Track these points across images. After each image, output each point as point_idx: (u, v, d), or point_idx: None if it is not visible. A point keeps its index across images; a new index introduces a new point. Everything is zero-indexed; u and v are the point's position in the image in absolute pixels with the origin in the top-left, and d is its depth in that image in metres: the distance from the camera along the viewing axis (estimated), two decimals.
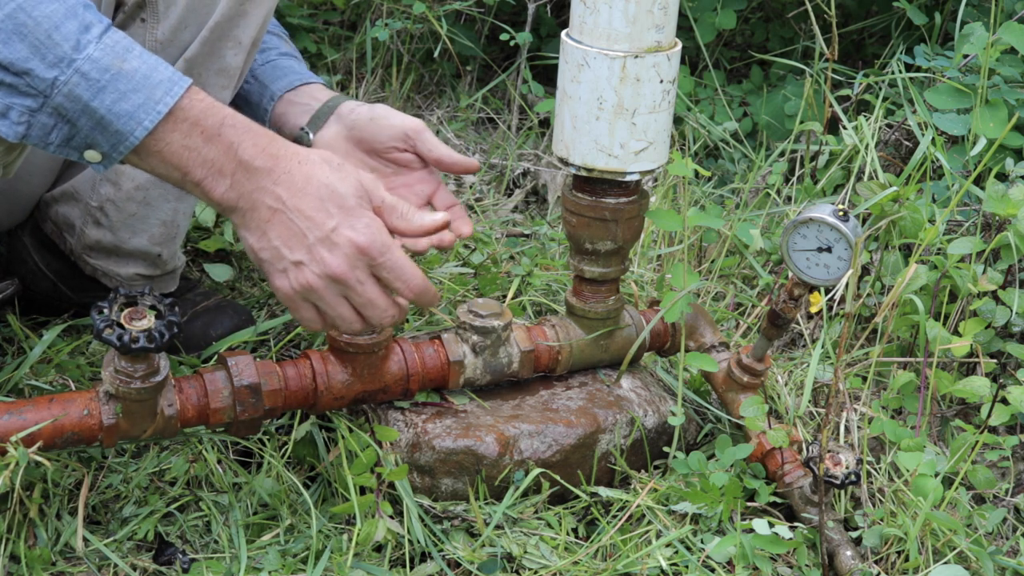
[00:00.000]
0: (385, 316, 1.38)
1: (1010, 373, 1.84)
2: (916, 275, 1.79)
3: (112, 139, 1.25)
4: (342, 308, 1.37)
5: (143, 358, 1.36)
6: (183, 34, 1.60)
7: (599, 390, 1.67)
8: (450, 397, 1.62)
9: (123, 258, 1.78)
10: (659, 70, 1.47)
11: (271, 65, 1.79)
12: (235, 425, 1.48)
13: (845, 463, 1.47)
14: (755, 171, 2.33)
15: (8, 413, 1.38)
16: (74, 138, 1.25)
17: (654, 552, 1.51)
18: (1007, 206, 1.82)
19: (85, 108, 1.22)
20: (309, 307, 1.38)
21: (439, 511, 1.54)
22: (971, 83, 2.11)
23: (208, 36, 1.61)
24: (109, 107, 1.23)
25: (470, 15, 2.87)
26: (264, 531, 1.53)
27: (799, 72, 2.67)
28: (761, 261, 2.15)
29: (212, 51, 1.63)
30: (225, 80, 1.66)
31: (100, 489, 1.55)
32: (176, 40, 1.60)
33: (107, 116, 1.23)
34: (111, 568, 1.46)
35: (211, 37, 1.62)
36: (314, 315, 1.38)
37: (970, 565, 1.51)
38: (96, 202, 1.73)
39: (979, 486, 1.65)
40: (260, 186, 1.31)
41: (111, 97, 1.22)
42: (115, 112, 1.23)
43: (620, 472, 1.63)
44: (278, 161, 1.31)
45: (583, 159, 1.52)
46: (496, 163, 2.61)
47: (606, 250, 1.60)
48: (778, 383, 1.82)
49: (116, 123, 1.23)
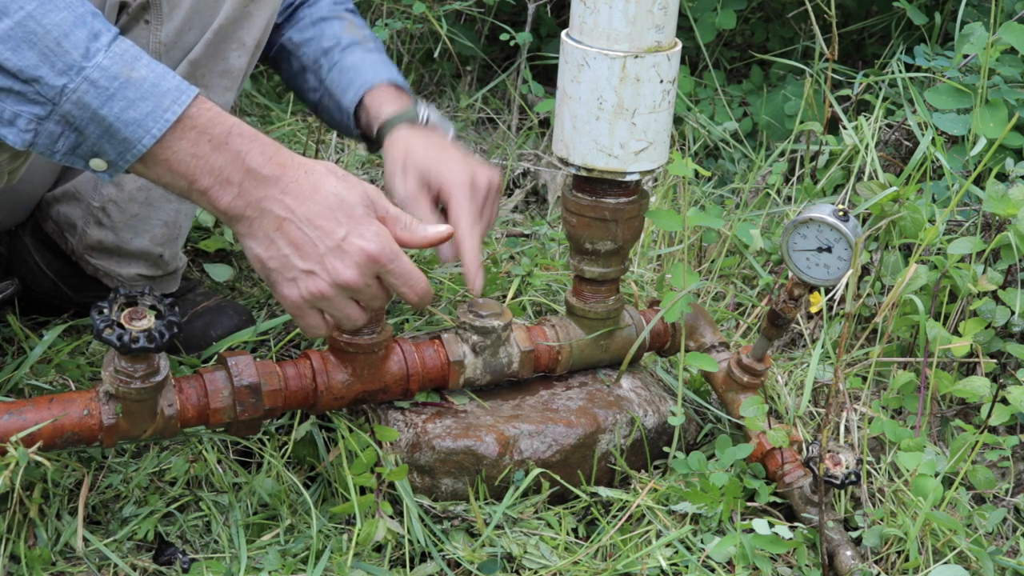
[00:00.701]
0: (384, 303, 1.40)
1: (1010, 373, 1.84)
2: (916, 275, 1.79)
3: (120, 147, 1.24)
4: (350, 309, 1.38)
5: (143, 358, 1.36)
6: (187, 36, 1.61)
7: (599, 390, 1.67)
8: (450, 397, 1.62)
9: (125, 258, 1.78)
10: (659, 70, 1.47)
11: (337, 70, 1.80)
12: (235, 425, 1.48)
13: (845, 463, 1.47)
14: (755, 171, 2.33)
15: (8, 413, 1.38)
16: (81, 146, 1.25)
17: (654, 552, 1.51)
18: (1007, 206, 1.82)
19: (94, 116, 1.22)
20: (315, 314, 1.38)
21: (439, 511, 1.54)
22: (971, 83, 2.11)
23: (212, 38, 1.62)
24: (118, 115, 1.22)
25: (470, 15, 2.87)
26: (264, 531, 1.53)
27: (799, 72, 2.67)
28: (761, 261, 2.15)
29: (216, 53, 1.63)
30: (228, 82, 1.66)
31: (100, 489, 1.55)
32: (180, 42, 1.60)
33: (115, 124, 1.22)
34: (111, 568, 1.46)
35: (215, 39, 1.62)
36: (319, 321, 1.39)
37: (970, 565, 1.51)
38: (98, 202, 1.73)
39: (979, 486, 1.65)
40: (268, 195, 1.30)
41: (120, 105, 1.22)
42: (123, 120, 1.23)
43: (620, 472, 1.63)
44: (285, 170, 1.31)
45: (583, 159, 1.52)
46: (496, 163, 2.61)
47: (606, 250, 1.60)
48: (778, 383, 1.82)
49: (124, 131, 1.23)
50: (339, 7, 1.88)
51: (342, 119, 1.80)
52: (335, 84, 1.79)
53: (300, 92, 1.88)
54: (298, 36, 1.84)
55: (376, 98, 1.76)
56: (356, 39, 1.82)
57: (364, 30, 1.86)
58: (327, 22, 1.84)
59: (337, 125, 1.84)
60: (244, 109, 2.72)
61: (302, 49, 1.84)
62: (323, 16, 1.85)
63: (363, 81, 1.77)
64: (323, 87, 1.81)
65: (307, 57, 1.83)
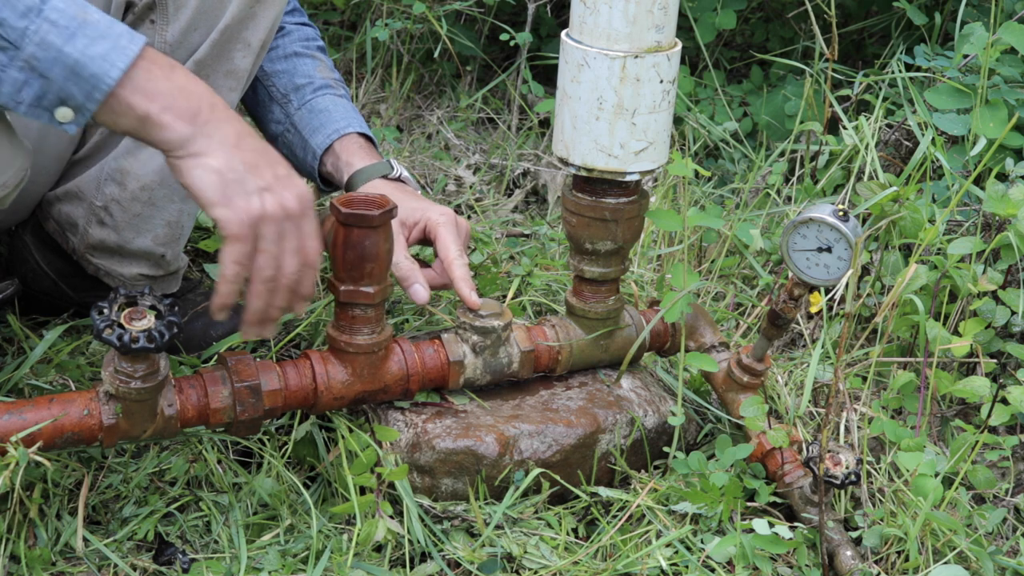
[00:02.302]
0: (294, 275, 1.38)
1: (1010, 373, 1.84)
2: (916, 275, 1.79)
3: (87, 85, 1.25)
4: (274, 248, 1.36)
5: (143, 358, 1.36)
6: (193, 36, 1.62)
7: (599, 390, 1.67)
8: (450, 397, 1.62)
9: (127, 258, 1.78)
10: (659, 70, 1.48)
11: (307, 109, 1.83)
12: (235, 425, 1.48)
13: (845, 463, 1.47)
14: (755, 171, 2.33)
15: (8, 413, 1.38)
16: (47, 95, 1.25)
17: (654, 552, 1.51)
18: (1007, 206, 1.82)
19: (59, 55, 1.23)
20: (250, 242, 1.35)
21: (439, 511, 1.54)
22: (971, 83, 2.11)
23: (218, 38, 1.63)
24: (82, 51, 1.24)
25: (470, 15, 2.87)
26: (264, 531, 1.53)
27: (799, 72, 2.67)
28: (761, 261, 2.15)
29: (221, 53, 1.65)
30: (233, 82, 1.67)
31: (100, 489, 1.55)
32: (186, 42, 1.62)
33: (81, 59, 1.24)
34: (111, 568, 1.46)
35: (221, 39, 1.63)
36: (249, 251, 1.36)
37: (970, 565, 1.51)
38: (101, 202, 1.73)
39: (979, 486, 1.65)
40: (226, 116, 1.33)
41: (83, 42, 1.24)
42: (88, 55, 1.24)
43: (620, 472, 1.63)
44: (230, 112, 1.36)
45: (583, 159, 1.52)
46: (496, 163, 2.61)
47: (606, 250, 1.60)
48: (778, 383, 1.82)
49: (91, 66, 1.24)
50: (311, 44, 1.91)
51: (305, 158, 1.83)
52: (304, 123, 1.83)
53: (260, 121, 1.91)
54: (269, 66, 1.87)
55: (347, 147, 1.80)
56: (328, 82, 1.87)
57: (334, 73, 1.91)
58: (300, 58, 1.87)
59: (296, 162, 1.85)
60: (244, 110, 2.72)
61: (271, 80, 1.87)
62: (296, 52, 1.87)
63: (335, 127, 1.81)
64: (289, 122, 1.85)
65: (275, 89, 1.86)
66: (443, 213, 1.71)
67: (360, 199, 1.48)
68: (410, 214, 1.71)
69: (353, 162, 1.79)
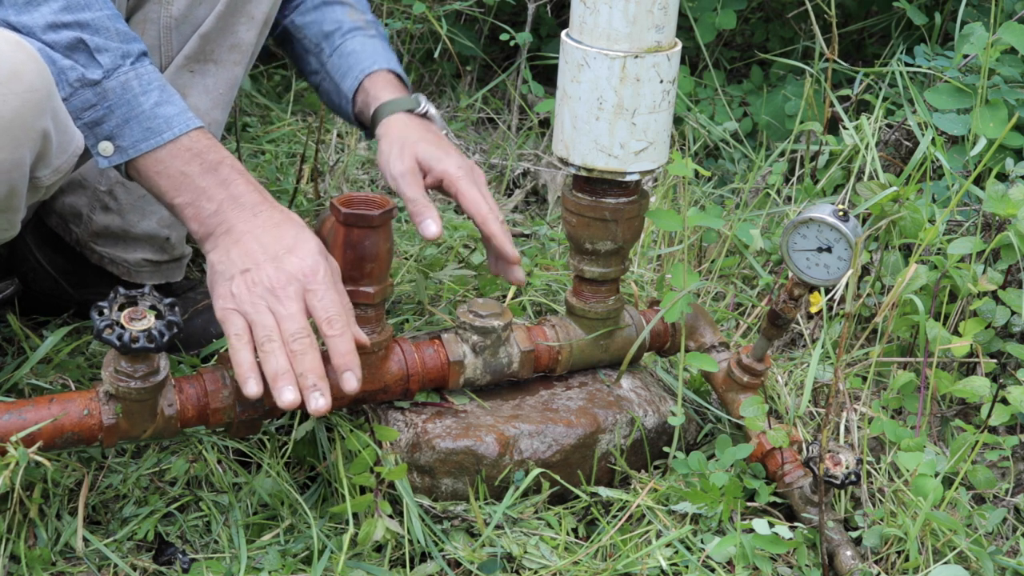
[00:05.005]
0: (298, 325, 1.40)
1: (1010, 373, 1.84)
2: (916, 275, 1.79)
3: (142, 134, 1.41)
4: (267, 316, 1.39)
5: (143, 358, 1.36)
6: (198, 10, 1.67)
7: (599, 390, 1.67)
8: (450, 397, 1.62)
9: (131, 243, 1.78)
10: (659, 70, 1.48)
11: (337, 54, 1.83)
12: (235, 425, 1.48)
13: (845, 463, 1.47)
14: (755, 171, 2.33)
15: (8, 413, 1.38)
16: (102, 124, 1.41)
17: (654, 552, 1.51)
18: (1007, 206, 1.82)
19: (132, 100, 1.41)
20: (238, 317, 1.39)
21: (439, 511, 1.54)
22: (971, 83, 2.11)
23: (223, 11, 1.67)
24: (152, 106, 1.42)
25: (470, 15, 2.87)
26: (264, 531, 1.53)
27: (799, 72, 2.67)
28: (761, 261, 2.15)
29: (226, 26, 1.69)
30: (238, 56, 1.71)
31: (100, 489, 1.55)
32: (191, 16, 1.67)
33: (148, 112, 1.41)
34: (111, 568, 1.46)
35: (225, 12, 1.68)
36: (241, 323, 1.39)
37: (970, 565, 1.51)
38: (105, 186, 1.75)
39: (979, 486, 1.65)
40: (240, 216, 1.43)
41: (155, 98, 1.42)
42: (155, 112, 1.42)
43: (620, 472, 1.63)
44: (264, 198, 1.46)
45: (583, 159, 1.52)
46: (496, 163, 2.61)
47: (606, 250, 1.60)
48: (778, 383, 1.82)
49: (152, 121, 1.41)
50: None
51: (340, 103, 1.83)
52: (335, 68, 1.82)
53: (304, 73, 1.92)
54: (300, 19, 1.87)
55: (375, 83, 1.79)
56: (358, 24, 1.85)
57: (366, 15, 1.89)
58: (329, 7, 1.87)
59: (336, 109, 1.86)
60: (244, 109, 2.72)
61: (303, 32, 1.87)
62: (325, 1, 1.86)
63: (362, 67, 1.80)
64: (324, 70, 1.84)
65: (308, 40, 1.86)
66: (460, 166, 1.68)
67: (360, 199, 1.48)
68: (428, 158, 1.69)
69: (380, 96, 1.77)
